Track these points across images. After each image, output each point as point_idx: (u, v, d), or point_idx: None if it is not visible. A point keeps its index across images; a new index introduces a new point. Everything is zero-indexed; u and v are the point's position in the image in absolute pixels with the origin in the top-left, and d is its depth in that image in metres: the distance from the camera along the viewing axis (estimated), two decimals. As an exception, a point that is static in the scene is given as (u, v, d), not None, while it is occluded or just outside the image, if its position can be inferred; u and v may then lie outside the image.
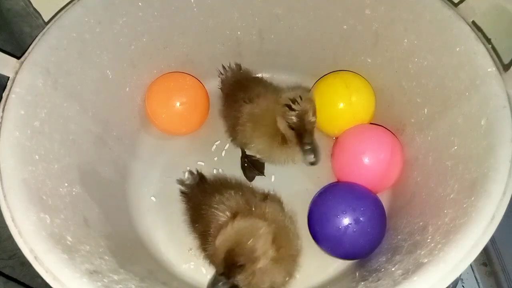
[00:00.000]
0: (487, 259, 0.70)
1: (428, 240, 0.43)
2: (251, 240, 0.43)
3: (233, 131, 0.64)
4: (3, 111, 0.45)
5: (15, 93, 0.46)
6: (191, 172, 0.63)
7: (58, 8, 0.54)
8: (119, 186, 0.63)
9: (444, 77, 0.52)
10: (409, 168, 0.59)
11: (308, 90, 0.64)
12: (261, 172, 0.66)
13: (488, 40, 0.49)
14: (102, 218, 0.53)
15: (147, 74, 0.68)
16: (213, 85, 0.74)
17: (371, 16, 0.60)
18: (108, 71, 0.60)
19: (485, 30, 0.50)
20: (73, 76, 0.53)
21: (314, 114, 0.55)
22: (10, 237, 0.39)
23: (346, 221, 0.53)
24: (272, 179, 0.66)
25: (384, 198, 0.60)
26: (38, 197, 0.43)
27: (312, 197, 0.60)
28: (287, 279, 0.49)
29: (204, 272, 0.59)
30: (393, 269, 0.45)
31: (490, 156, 0.42)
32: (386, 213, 0.57)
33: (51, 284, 0.37)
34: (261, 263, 0.45)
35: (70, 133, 0.53)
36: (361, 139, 0.61)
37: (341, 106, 0.63)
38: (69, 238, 0.43)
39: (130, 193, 0.64)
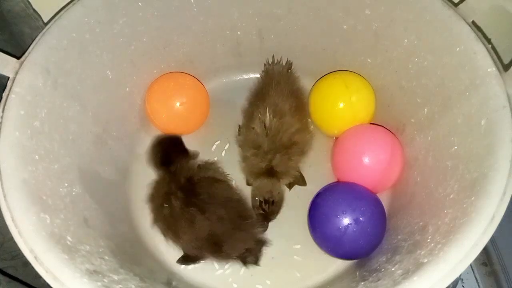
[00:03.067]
0: (487, 259, 0.70)
1: (428, 240, 0.43)
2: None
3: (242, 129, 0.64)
4: (3, 111, 0.45)
5: (15, 93, 0.46)
6: None
7: (57, 10, 0.54)
8: (119, 186, 0.63)
9: (444, 77, 0.52)
10: (409, 168, 0.59)
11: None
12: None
13: (488, 40, 0.49)
14: (102, 218, 0.53)
15: (147, 74, 0.68)
16: (213, 85, 0.74)
17: (371, 16, 0.60)
18: (108, 71, 0.60)
19: (485, 30, 0.50)
20: (73, 76, 0.53)
21: (278, 212, 0.60)
22: (12, 238, 0.39)
23: (346, 221, 0.53)
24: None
25: (384, 198, 0.60)
26: (38, 197, 0.43)
27: (312, 197, 0.60)
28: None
29: (204, 272, 0.59)
30: (393, 269, 0.45)
31: (490, 156, 0.42)
32: (386, 213, 0.57)
33: (51, 284, 0.37)
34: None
35: (70, 133, 0.53)
36: (361, 139, 0.61)
37: (341, 106, 0.63)
38: (69, 238, 0.43)
39: (130, 193, 0.64)
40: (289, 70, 0.68)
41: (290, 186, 0.64)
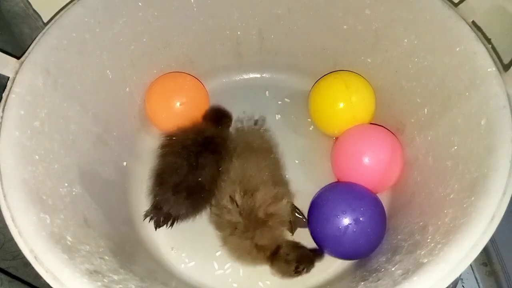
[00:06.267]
0: (487, 259, 0.70)
1: (428, 240, 0.43)
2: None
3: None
4: (3, 111, 0.45)
5: (15, 93, 0.46)
6: None
7: (57, 10, 0.54)
8: (119, 186, 0.63)
9: (444, 77, 0.52)
10: (409, 168, 0.59)
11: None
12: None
13: (488, 40, 0.49)
14: (102, 218, 0.53)
15: (147, 74, 0.68)
16: (213, 85, 0.74)
17: (371, 16, 0.60)
18: (108, 71, 0.60)
19: (485, 30, 0.50)
20: (73, 76, 0.53)
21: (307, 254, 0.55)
22: (13, 238, 0.39)
23: (346, 221, 0.53)
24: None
25: (384, 198, 0.60)
26: (38, 197, 0.43)
27: (312, 197, 0.60)
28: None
29: (204, 272, 0.59)
30: (393, 269, 0.45)
31: (490, 156, 0.42)
32: (386, 213, 0.57)
33: (51, 284, 0.37)
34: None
35: (70, 133, 0.52)
36: (361, 139, 0.61)
37: (341, 106, 0.63)
38: (69, 238, 0.43)
39: (130, 193, 0.64)
40: (262, 129, 0.65)
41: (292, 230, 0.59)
